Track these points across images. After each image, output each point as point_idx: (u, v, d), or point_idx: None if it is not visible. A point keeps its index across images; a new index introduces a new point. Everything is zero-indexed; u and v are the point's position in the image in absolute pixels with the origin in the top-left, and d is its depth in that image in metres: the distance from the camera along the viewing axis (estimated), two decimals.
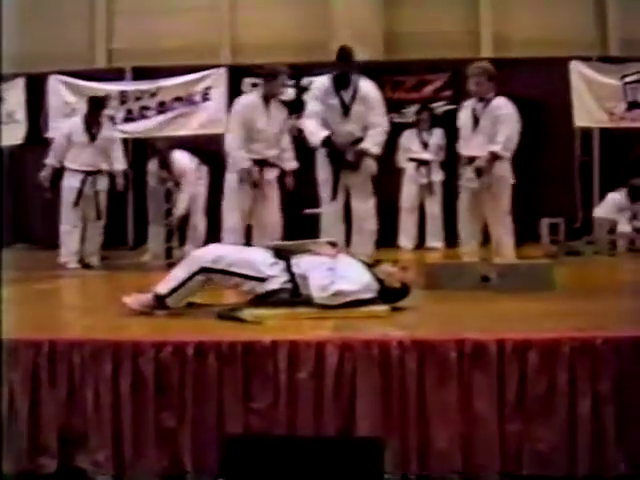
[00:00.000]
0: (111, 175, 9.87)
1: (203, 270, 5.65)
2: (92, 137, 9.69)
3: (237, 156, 8.21)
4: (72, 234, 9.58)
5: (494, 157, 7.69)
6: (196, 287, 5.72)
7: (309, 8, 13.40)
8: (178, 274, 5.72)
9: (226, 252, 5.80)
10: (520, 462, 4.48)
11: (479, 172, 7.70)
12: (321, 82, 8.08)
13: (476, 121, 7.86)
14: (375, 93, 8.00)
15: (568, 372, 4.48)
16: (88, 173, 9.64)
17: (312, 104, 8.09)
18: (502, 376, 4.51)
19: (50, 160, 9.65)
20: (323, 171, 8.03)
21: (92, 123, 9.73)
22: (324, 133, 7.86)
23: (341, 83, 7.88)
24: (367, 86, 7.99)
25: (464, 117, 8.05)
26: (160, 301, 5.66)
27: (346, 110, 7.87)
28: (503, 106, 7.82)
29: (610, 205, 11.46)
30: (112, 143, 9.93)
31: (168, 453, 4.62)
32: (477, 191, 7.81)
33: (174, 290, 5.66)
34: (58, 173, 9.74)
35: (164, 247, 10.11)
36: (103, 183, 9.80)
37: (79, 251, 9.62)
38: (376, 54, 12.54)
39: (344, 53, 8.00)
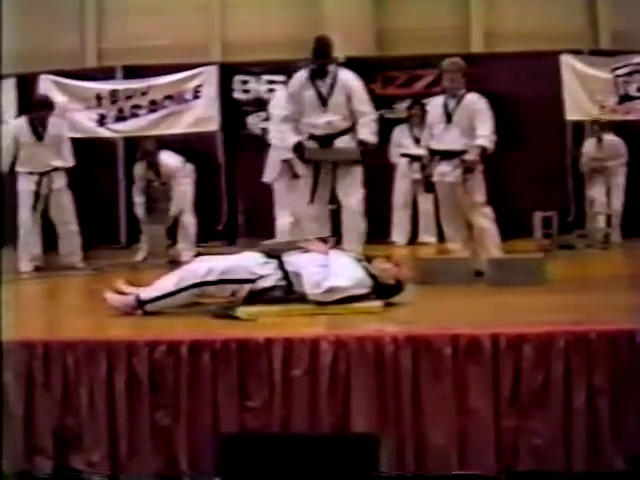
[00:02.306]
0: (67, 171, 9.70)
1: (196, 285, 5.65)
2: (39, 137, 9.49)
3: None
4: (29, 238, 9.40)
5: (483, 151, 7.69)
6: (187, 300, 5.71)
7: (299, 5, 13.38)
8: (165, 285, 5.73)
9: (216, 262, 5.78)
10: (516, 457, 4.49)
11: (467, 169, 7.69)
12: (297, 76, 7.94)
13: (449, 116, 7.84)
14: (356, 82, 7.85)
15: (563, 366, 4.48)
16: (42, 174, 9.44)
17: (285, 105, 7.99)
18: (497, 371, 4.51)
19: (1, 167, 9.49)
20: (302, 170, 7.92)
21: (37, 123, 9.50)
22: (295, 139, 7.77)
23: (317, 73, 7.74)
24: (347, 76, 7.83)
25: (435, 113, 8.03)
26: (140, 305, 5.67)
27: (324, 101, 7.71)
28: (478, 101, 7.81)
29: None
30: (60, 140, 9.69)
31: (163, 452, 4.61)
32: (454, 184, 7.80)
33: (156, 299, 5.68)
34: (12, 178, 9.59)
35: (164, 245, 10.10)
36: (60, 181, 9.58)
37: (38, 256, 9.48)
38: (367, 50, 12.54)
39: (321, 43, 7.85)
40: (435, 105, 8.07)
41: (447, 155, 7.80)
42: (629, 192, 11.57)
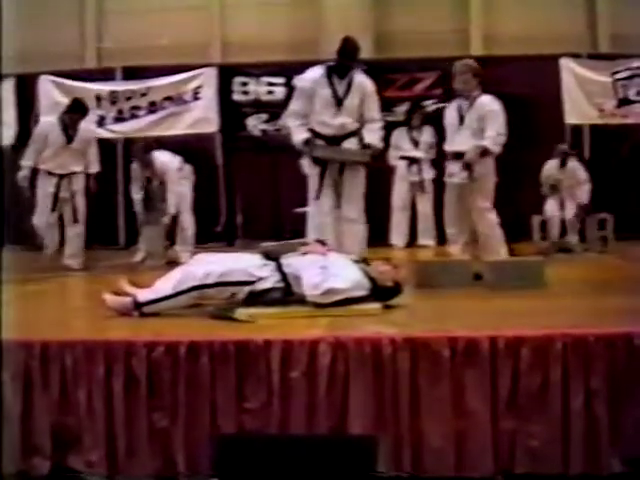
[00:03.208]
0: (88, 176, 9.71)
1: (194, 288, 5.63)
2: (69, 139, 9.50)
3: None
4: (52, 230, 9.49)
5: (484, 152, 7.71)
6: (185, 303, 5.68)
7: (299, 7, 13.41)
8: (163, 288, 5.70)
9: (215, 265, 5.76)
10: (513, 459, 4.49)
11: (468, 166, 7.73)
12: (313, 72, 7.80)
13: (462, 118, 7.87)
14: (371, 87, 7.79)
15: (561, 369, 4.48)
16: (62, 176, 9.47)
17: (294, 102, 7.85)
18: (495, 373, 4.51)
19: (27, 161, 9.47)
20: (309, 169, 7.90)
21: (69, 124, 9.53)
22: (305, 135, 7.70)
23: (337, 73, 7.68)
24: (363, 79, 7.78)
25: (450, 115, 8.07)
26: (138, 307, 5.66)
27: (339, 101, 7.67)
28: (490, 103, 7.82)
29: None
30: (88, 145, 9.72)
31: (161, 453, 4.62)
32: (461, 186, 7.83)
33: (153, 302, 5.65)
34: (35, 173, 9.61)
35: (162, 246, 10.08)
36: (79, 184, 9.61)
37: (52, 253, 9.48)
38: (366, 53, 12.50)
39: (350, 44, 7.71)
40: (451, 107, 8.10)
41: (457, 156, 7.83)
42: (624, 193, 11.62)
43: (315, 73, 7.74)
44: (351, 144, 7.72)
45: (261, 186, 12.47)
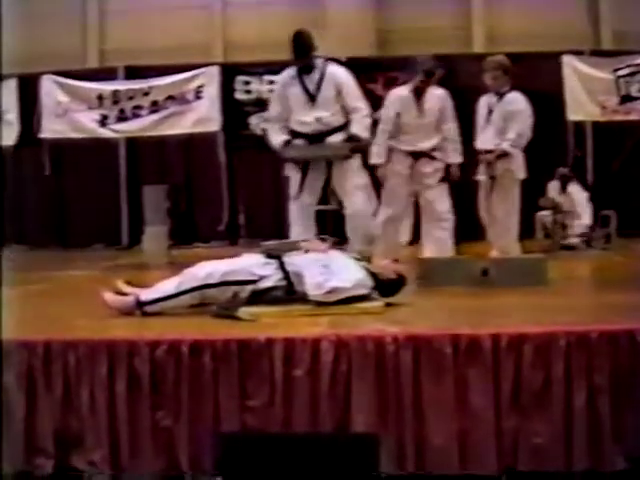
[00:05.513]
0: None
1: (197, 289, 5.62)
2: None
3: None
4: None
5: (503, 153, 7.75)
6: (187, 303, 5.66)
7: (301, 5, 13.39)
8: (166, 288, 5.69)
9: (217, 265, 5.76)
10: (517, 457, 4.48)
11: (489, 164, 7.82)
12: (283, 75, 7.84)
13: (490, 114, 7.90)
14: (346, 76, 7.76)
15: (564, 366, 4.47)
16: None
17: (271, 106, 7.92)
18: (497, 371, 4.50)
19: None
20: (290, 171, 7.86)
21: None
22: (283, 137, 7.70)
23: (303, 70, 7.64)
24: (336, 70, 7.74)
25: (480, 111, 8.08)
26: (140, 306, 5.66)
27: (312, 97, 7.61)
28: (515, 101, 7.85)
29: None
30: None
31: (164, 452, 4.61)
32: (488, 184, 7.91)
33: (156, 301, 5.64)
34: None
35: (165, 246, 10.06)
36: None
37: None
38: (368, 50, 12.55)
39: (298, 41, 7.64)
40: (480, 104, 8.12)
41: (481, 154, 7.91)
42: (627, 190, 11.62)
43: (285, 75, 7.74)
44: (335, 139, 7.65)
45: (263, 184, 12.47)
